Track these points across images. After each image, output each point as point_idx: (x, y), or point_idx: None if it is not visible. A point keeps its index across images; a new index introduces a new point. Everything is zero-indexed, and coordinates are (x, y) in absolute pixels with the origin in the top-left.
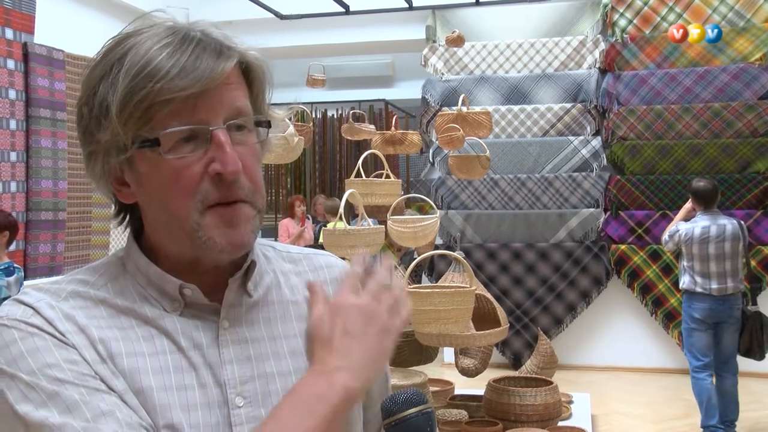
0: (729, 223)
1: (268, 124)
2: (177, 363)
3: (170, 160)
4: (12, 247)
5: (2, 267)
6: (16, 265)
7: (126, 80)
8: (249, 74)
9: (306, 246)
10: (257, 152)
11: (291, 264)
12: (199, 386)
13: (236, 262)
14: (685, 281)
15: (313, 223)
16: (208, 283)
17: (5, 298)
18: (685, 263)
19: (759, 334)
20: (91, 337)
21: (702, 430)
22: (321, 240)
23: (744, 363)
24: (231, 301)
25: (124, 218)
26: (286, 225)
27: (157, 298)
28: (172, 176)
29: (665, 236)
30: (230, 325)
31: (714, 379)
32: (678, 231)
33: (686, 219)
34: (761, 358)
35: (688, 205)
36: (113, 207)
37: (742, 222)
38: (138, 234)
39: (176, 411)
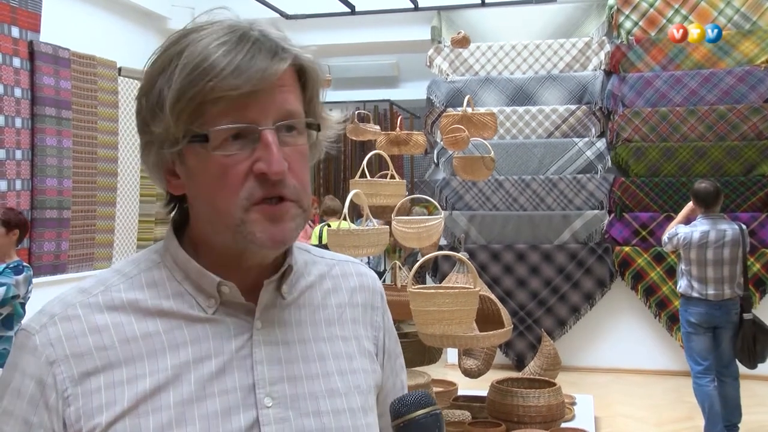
0: (729, 228)
1: (318, 127)
2: (200, 373)
3: (218, 156)
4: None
5: (12, 265)
6: (25, 264)
7: (181, 76)
8: (303, 77)
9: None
10: (306, 153)
11: (326, 268)
12: (219, 394)
13: (275, 263)
14: (682, 285)
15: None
16: (246, 282)
17: (14, 297)
18: (683, 267)
19: (751, 344)
20: (83, 368)
21: None
22: (325, 240)
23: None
24: (266, 302)
25: (173, 209)
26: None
27: (193, 293)
28: (219, 172)
29: (665, 237)
30: (263, 326)
31: (716, 384)
32: (677, 234)
33: (688, 220)
34: (753, 367)
35: (691, 204)
36: (165, 197)
37: (744, 227)
38: (178, 227)
39: (192, 426)
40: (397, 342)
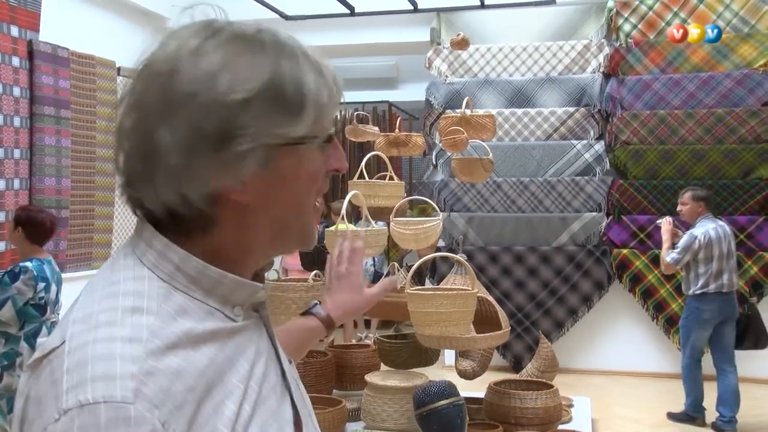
0: (724, 224)
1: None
2: (256, 378)
3: (312, 158)
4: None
5: (7, 271)
6: (22, 265)
7: (327, 78)
8: None
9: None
10: None
11: None
12: (272, 390)
13: None
14: (698, 284)
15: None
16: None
17: (26, 304)
18: (701, 269)
19: (760, 324)
20: (186, 417)
21: (692, 414)
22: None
23: (747, 368)
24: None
25: (182, 224)
26: None
27: (218, 308)
28: (312, 173)
29: (674, 255)
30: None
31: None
32: (695, 238)
33: (673, 241)
34: (765, 345)
35: (671, 227)
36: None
37: None
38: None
39: (270, 428)
40: None
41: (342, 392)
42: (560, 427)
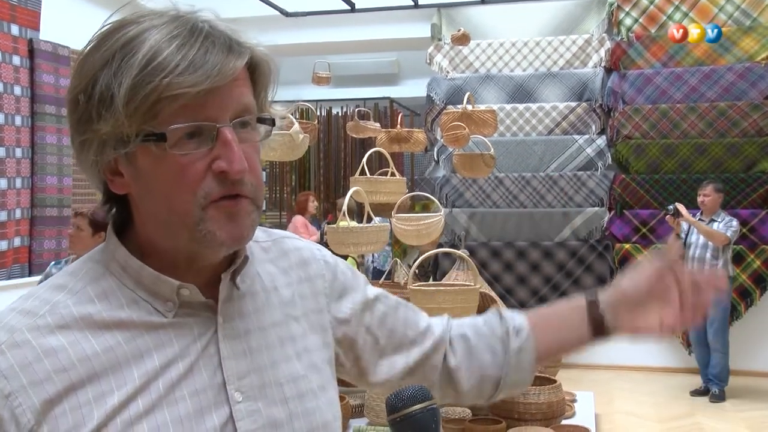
0: None
1: (273, 122)
2: (168, 377)
3: (175, 155)
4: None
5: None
6: None
7: (132, 72)
8: (255, 70)
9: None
10: (259, 149)
11: (263, 252)
12: (190, 395)
13: (227, 255)
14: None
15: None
16: (201, 278)
17: None
18: (731, 253)
19: None
20: (44, 395)
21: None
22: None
23: (755, 362)
24: (225, 296)
25: (110, 209)
26: (303, 223)
27: (148, 299)
28: (175, 172)
29: (730, 233)
30: (224, 321)
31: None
32: (736, 221)
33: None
34: None
35: (687, 209)
36: (101, 196)
37: None
38: (120, 230)
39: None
40: (365, 284)
41: (345, 389)
42: (563, 422)
